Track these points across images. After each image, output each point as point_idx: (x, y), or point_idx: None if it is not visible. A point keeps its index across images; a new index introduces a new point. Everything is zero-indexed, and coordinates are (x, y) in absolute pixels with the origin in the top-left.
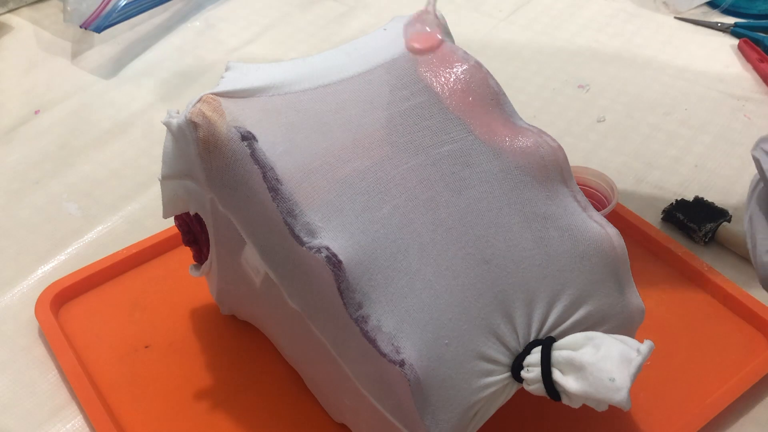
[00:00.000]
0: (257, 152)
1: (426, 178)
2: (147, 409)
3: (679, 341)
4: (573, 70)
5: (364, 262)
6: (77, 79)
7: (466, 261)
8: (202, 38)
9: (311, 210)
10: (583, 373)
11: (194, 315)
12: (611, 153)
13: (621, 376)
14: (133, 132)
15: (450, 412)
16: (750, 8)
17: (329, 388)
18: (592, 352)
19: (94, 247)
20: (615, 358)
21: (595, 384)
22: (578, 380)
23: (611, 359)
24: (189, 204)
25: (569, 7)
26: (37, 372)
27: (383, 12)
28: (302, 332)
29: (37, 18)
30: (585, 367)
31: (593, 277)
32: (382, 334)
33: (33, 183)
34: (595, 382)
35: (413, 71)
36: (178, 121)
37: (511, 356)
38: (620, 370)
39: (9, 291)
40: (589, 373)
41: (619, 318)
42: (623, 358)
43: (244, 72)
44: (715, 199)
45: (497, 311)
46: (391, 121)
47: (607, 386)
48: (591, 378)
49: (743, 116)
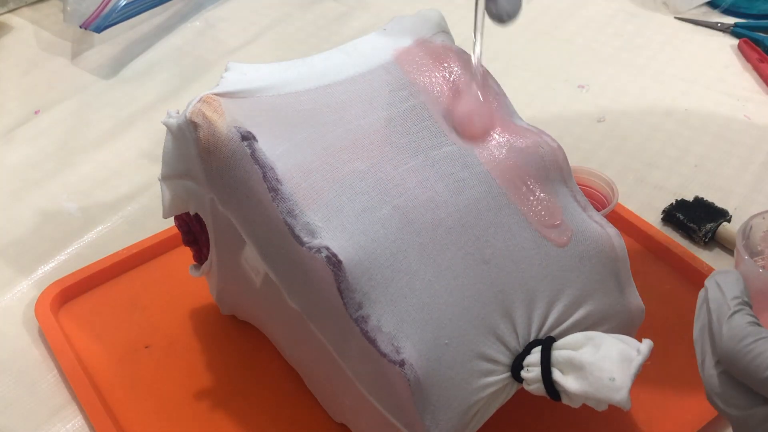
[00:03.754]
0: (257, 152)
1: (425, 179)
2: (147, 409)
3: (679, 341)
4: (573, 70)
5: (364, 262)
6: (77, 79)
7: (466, 261)
8: (202, 38)
9: (311, 210)
10: (583, 372)
11: (194, 315)
12: (611, 153)
13: (621, 376)
14: (133, 132)
15: (450, 412)
16: (750, 8)
17: (329, 388)
18: (592, 351)
19: (94, 247)
20: (615, 358)
21: (595, 384)
22: (578, 380)
23: (611, 359)
24: (189, 204)
25: (569, 7)
26: (37, 372)
27: (383, 12)
28: (302, 332)
29: (37, 18)
30: (585, 366)
31: (593, 277)
32: (382, 334)
33: (33, 183)
34: (595, 381)
35: (413, 72)
36: (178, 121)
37: (511, 356)
38: (620, 370)
39: (9, 291)
40: (589, 373)
41: (619, 318)
42: (623, 358)
43: (244, 72)
44: (715, 199)
45: (497, 311)
46: (390, 121)
47: (607, 386)
48: (591, 378)
49: (743, 116)
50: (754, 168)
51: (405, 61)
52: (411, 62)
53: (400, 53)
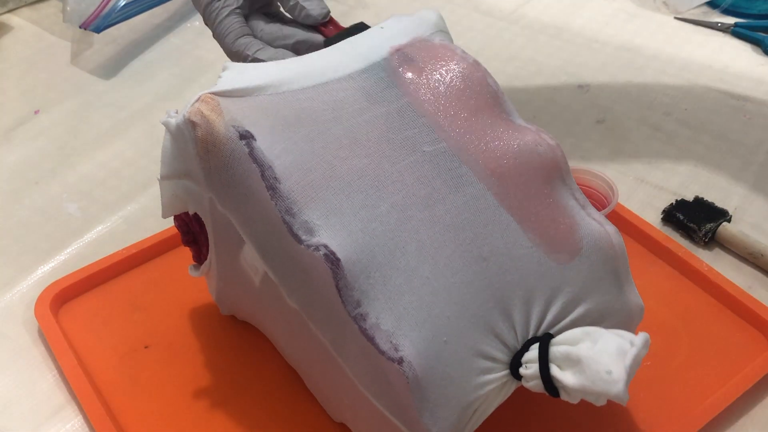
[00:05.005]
0: (255, 151)
1: (423, 176)
2: (147, 409)
3: (679, 341)
4: (573, 70)
5: (362, 259)
6: (77, 79)
7: (464, 258)
8: (202, 38)
9: (309, 208)
10: (581, 366)
11: (194, 315)
12: (611, 153)
13: (617, 369)
14: (133, 132)
15: (449, 410)
16: (750, 8)
17: (328, 387)
18: (589, 346)
19: (93, 247)
20: (612, 352)
21: (592, 377)
22: (575, 374)
23: (608, 352)
24: (188, 204)
25: (569, 7)
26: (37, 372)
27: (383, 12)
28: (301, 331)
29: (37, 18)
30: (582, 360)
31: (592, 274)
32: (380, 331)
33: (33, 183)
34: (592, 375)
35: (410, 69)
36: (177, 121)
37: (510, 354)
38: (616, 363)
39: (9, 291)
40: (586, 367)
41: (618, 316)
42: (620, 351)
43: (242, 71)
44: (715, 199)
45: (495, 309)
46: (388, 118)
47: (603, 379)
48: (588, 371)
49: (743, 116)
50: (754, 168)
51: (402, 59)
52: (408, 60)
53: (397, 51)
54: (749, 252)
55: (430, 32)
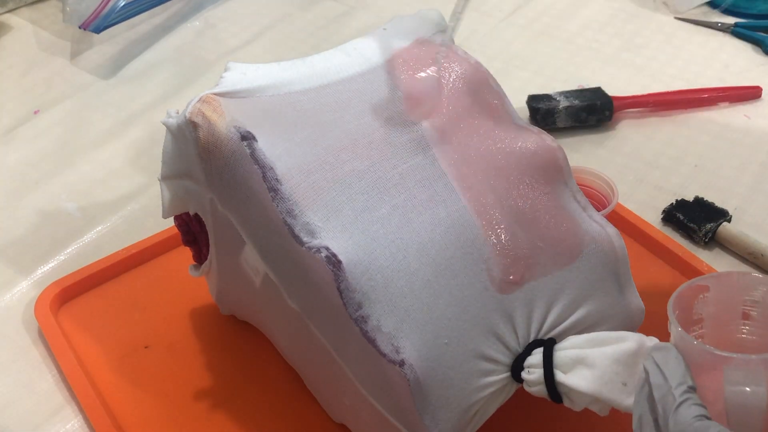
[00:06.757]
0: (257, 152)
1: (425, 178)
2: (147, 409)
3: None
4: (573, 70)
5: (363, 261)
6: (77, 79)
7: (465, 260)
8: (202, 38)
9: (311, 210)
10: (595, 372)
11: (194, 315)
12: (611, 153)
13: (632, 382)
14: (133, 132)
15: (449, 412)
16: (750, 8)
17: (329, 388)
18: (603, 352)
19: (93, 247)
20: (629, 363)
21: (608, 385)
22: (586, 380)
23: (625, 363)
24: (188, 204)
25: (569, 7)
26: (37, 372)
27: (383, 12)
28: (302, 332)
29: (37, 18)
30: (597, 366)
31: (593, 276)
32: (381, 334)
33: (33, 183)
34: (608, 382)
35: (412, 71)
36: (178, 121)
37: (511, 356)
38: (632, 376)
39: (9, 291)
40: (602, 374)
41: (619, 318)
42: (636, 363)
43: (244, 72)
44: (715, 199)
45: (497, 311)
46: (389, 120)
47: (619, 389)
48: (605, 378)
49: (743, 116)
50: (754, 168)
51: (404, 61)
52: (410, 62)
53: (399, 53)
54: (749, 252)
55: (431, 32)
